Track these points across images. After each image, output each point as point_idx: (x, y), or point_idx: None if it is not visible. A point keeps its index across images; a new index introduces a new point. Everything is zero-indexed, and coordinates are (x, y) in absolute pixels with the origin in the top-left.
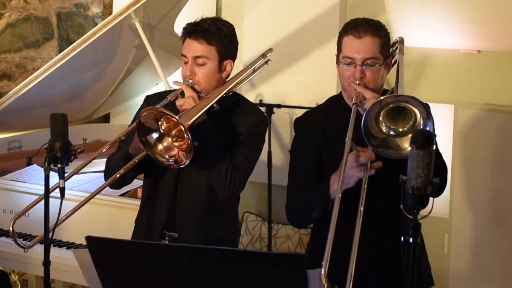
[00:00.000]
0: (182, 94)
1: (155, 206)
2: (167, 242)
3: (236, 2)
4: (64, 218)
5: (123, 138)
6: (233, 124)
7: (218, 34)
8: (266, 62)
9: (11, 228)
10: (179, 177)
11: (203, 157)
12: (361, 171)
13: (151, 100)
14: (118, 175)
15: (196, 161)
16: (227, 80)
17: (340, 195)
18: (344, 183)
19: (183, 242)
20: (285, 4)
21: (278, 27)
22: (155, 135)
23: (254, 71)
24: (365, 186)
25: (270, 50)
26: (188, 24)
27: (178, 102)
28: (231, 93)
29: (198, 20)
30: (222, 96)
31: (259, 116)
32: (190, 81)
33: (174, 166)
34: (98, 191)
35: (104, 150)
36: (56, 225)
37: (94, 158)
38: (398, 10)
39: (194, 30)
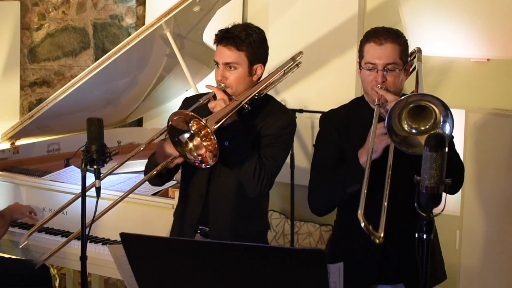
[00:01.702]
0: (214, 97)
1: (190, 202)
2: (199, 235)
3: (261, 13)
4: (101, 214)
5: (157, 138)
6: (263, 125)
7: (247, 40)
8: (297, 65)
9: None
10: (212, 175)
11: (233, 156)
12: (388, 138)
13: (189, 101)
14: (154, 173)
15: (226, 160)
16: (258, 82)
17: (371, 155)
18: (373, 150)
19: (214, 236)
20: (307, 14)
21: (300, 37)
22: (186, 135)
23: (284, 73)
24: (392, 151)
25: (300, 53)
26: (220, 31)
27: (210, 105)
28: (262, 95)
29: (229, 27)
30: (253, 97)
31: (288, 119)
32: (222, 85)
33: (200, 165)
34: (137, 186)
35: (140, 150)
36: (92, 221)
37: (128, 160)
38: (412, 21)
39: (224, 37)
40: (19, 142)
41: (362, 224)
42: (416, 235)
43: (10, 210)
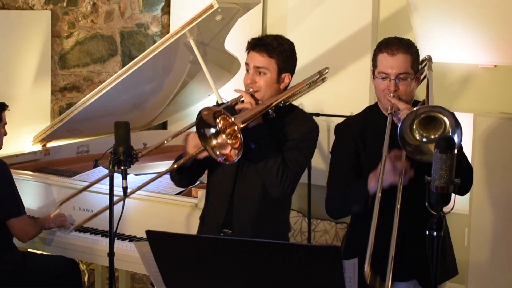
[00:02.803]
0: (242, 101)
1: (216, 204)
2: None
3: (279, 22)
4: (130, 194)
5: (182, 132)
6: (287, 130)
7: (278, 49)
8: (322, 80)
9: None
10: (237, 178)
11: (258, 158)
12: (396, 176)
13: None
14: (174, 167)
15: (252, 161)
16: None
17: (379, 196)
18: (382, 182)
19: (238, 236)
20: (323, 23)
21: (317, 44)
22: (212, 131)
23: (309, 86)
24: (401, 186)
25: (326, 68)
26: (253, 39)
27: (238, 107)
28: (287, 103)
29: (262, 36)
30: (278, 104)
31: (312, 124)
32: (251, 89)
33: (223, 162)
34: (163, 173)
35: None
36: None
37: (155, 147)
38: (423, 30)
39: (257, 44)
40: (50, 144)
41: (368, 281)
42: (427, 232)
43: (44, 219)
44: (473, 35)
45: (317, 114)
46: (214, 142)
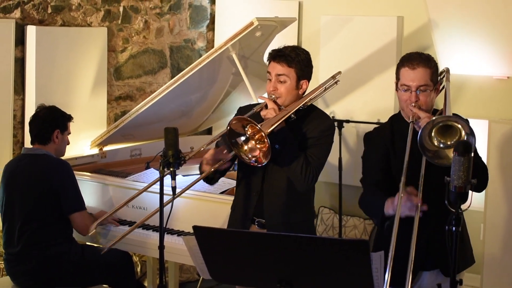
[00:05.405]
0: (266, 106)
1: (246, 197)
2: (256, 226)
3: (313, 38)
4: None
5: (219, 139)
6: (307, 129)
7: (296, 59)
8: (336, 83)
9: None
10: (265, 174)
11: (282, 157)
12: (411, 209)
13: (243, 110)
14: (206, 174)
15: (277, 160)
16: (303, 96)
17: (397, 224)
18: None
19: (270, 226)
20: (353, 38)
21: (347, 57)
22: (242, 138)
23: (325, 89)
24: (418, 217)
25: (339, 72)
26: (273, 50)
27: (262, 113)
28: (306, 106)
29: (281, 47)
30: (299, 108)
31: (328, 123)
32: (273, 96)
33: (255, 164)
34: (194, 183)
35: (202, 149)
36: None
37: (194, 154)
38: (443, 45)
39: (277, 55)
40: (106, 148)
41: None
42: (447, 228)
43: (98, 215)
44: (488, 50)
45: (347, 121)
46: (245, 147)
